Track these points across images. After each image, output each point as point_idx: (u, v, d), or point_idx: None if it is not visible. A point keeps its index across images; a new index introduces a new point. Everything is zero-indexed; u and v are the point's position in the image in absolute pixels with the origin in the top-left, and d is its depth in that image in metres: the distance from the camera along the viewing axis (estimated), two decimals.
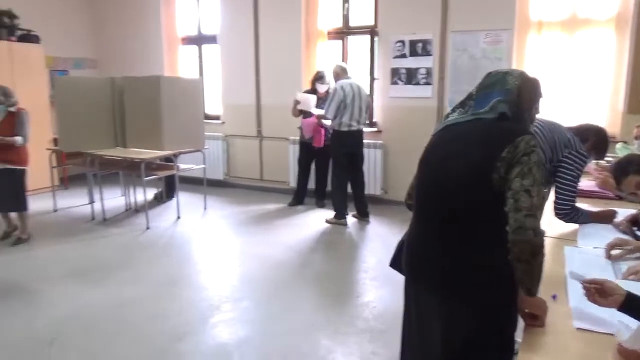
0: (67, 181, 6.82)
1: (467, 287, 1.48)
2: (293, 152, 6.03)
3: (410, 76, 5.41)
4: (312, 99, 5.24)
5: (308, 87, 5.64)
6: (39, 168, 6.27)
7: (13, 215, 4.53)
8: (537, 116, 1.68)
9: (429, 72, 5.32)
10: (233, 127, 6.61)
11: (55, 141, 6.35)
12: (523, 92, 1.55)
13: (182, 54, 7.11)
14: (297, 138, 5.79)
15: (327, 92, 5.36)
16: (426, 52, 5.29)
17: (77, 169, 6.50)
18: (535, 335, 1.38)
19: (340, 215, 5.01)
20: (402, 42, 5.38)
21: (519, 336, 1.49)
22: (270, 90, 6.26)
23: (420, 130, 5.40)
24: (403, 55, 5.40)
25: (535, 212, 1.36)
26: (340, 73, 4.92)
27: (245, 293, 3.43)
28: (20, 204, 4.36)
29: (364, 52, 5.77)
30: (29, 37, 6.29)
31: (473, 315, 1.48)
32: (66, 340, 2.80)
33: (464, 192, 1.47)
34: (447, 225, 1.52)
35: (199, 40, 6.94)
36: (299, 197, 5.81)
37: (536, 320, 1.41)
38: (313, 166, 5.74)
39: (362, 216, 5.15)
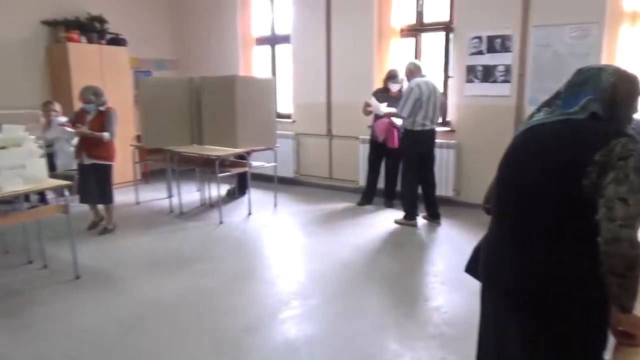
0: (148, 176, 7.24)
1: (549, 300, 1.39)
2: (363, 151, 6.00)
3: (487, 74, 5.19)
4: (382, 106, 5.16)
5: (380, 85, 5.59)
6: (123, 163, 6.70)
7: (100, 206, 4.87)
8: (635, 116, 1.54)
9: (507, 69, 5.07)
10: (303, 125, 6.70)
11: (138, 138, 6.76)
12: (619, 90, 1.42)
13: (256, 54, 7.31)
14: (367, 137, 5.76)
15: (399, 91, 5.29)
16: (505, 49, 5.05)
17: (157, 164, 6.87)
18: (629, 356, 1.26)
19: (410, 217, 4.92)
20: (479, 38, 5.17)
21: (608, 355, 1.38)
22: (341, 89, 6.27)
23: (496, 129, 5.19)
24: (480, 52, 5.20)
25: (633, 222, 1.24)
26: (414, 71, 4.79)
27: (313, 291, 3.45)
28: (106, 197, 4.68)
29: (438, 50, 5.62)
30: (117, 41, 6.73)
31: (556, 330, 1.39)
32: (145, 326, 2.96)
33: (549, 198, 1.38)
34: (530, 232, 1.43)
35: (272, 40, 7.09)
36: (368, 197, 5.77)
37: (631, 339, 1.30)
38: (383, 166, 5.68)
39: (433, 218, 5.02)
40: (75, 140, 4.87)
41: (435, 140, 4.95)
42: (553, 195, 1.37)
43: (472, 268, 1.70)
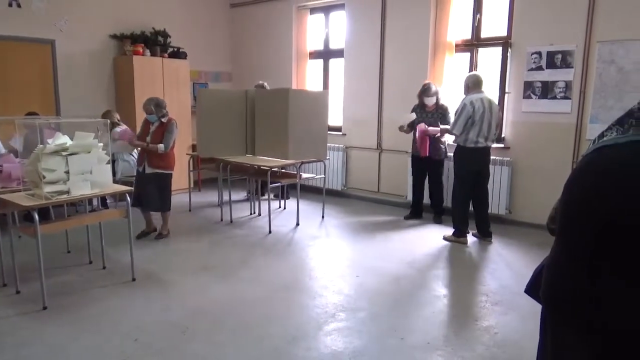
0: (201, 184, 7.48)
1: (621, 332, 1.32)
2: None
3: (546, 90, 5.04)
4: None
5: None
6: (178, 171, 6.98)
7: (154, 215, 5.00)
8: None
9: (568, 85, 4.91)
10: (354, 138, 6.73)
11: (193, 147, 7.03)
12: None
13: (309, 67, 7.44)
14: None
15: (436, 104, 5.36)
16: (566, 64, 4.90)
17: (209, 173, 7.12)
18: None
19: (460, 233, 4.82)
20: (539, 53, 5.04)
21: None
22: (393, 103, 6.26)
23: (554, 148, 5.03)
24: (539, 68, 5.06)
25: None
26: (471, 87, 4.68)
27: (360, 304, 3.44)
28: (164, 205, 4.84)
29: (494, 65, 5.52)
30: (178, 54, 7.05)
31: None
32: (194, 330, 3.05)
33: (622, 225, 1.31)
34: (599, 257, 1.37)
35: (326, 54, 7.20)
36: (415, 211, 5.74)
37: None
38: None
39: (484, 236, 4.90)
40: (137, 150, 5.12)
41: (490, 158, 4.84)
42: (627, 223, 1.30)
43: (533, 289, 1.64)
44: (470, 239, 4.89)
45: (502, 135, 5.47)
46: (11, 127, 4.50)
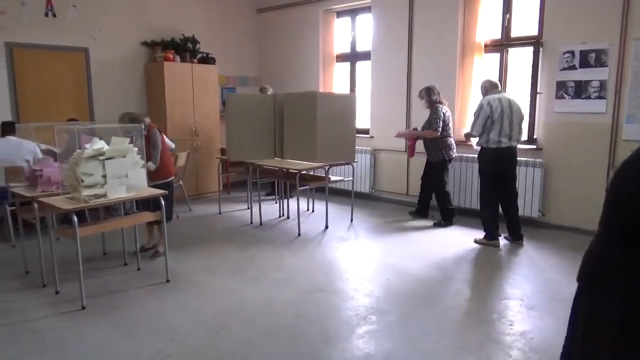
0: (230, 187, 7.58)
1: None
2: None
3: (580, 90, 4.94)
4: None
5: (460, 101, 5.50)
6: (208, 175, 7.12)
7: (155, 230, 4.70)
8: None
9: (602, 85, 4.80)
10: (381, 141, 6.72)
11: (222, 151, 7.14)
12: None
13: (336, 70, 7.46)
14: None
15: (430, 107, 5.50)
16: (600, 63, 4.79)
17: (239, 176, 7.20)
18: None
19: (491, 236, 4.76)
20: (572, 52, 4.94)
21: None
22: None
23: (589, 148, 4.92)
24: (572, 67, 4.96)
25: None
26: (489, 88, 4.70)
27: (391, 306, 3.44)
28: (169, 213, 4.39)
29: (525, 65, 5.43)
30: (207, 59, 7.17)
31: None
32: (229, 330, 3.09)
33: None
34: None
35: (353, 57, 7.21)
36: (420, 210, 5.93)
37: None
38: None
39: (515, 239, 4.82)
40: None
41: (515, 158, 4.73)
42: None
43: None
44: (502, 241, 4.82)
45: (534, 136, 5.38)
46: (49, 132, 4.67)
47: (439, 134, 5.39)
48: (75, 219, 3.30)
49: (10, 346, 2.92)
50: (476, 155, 4.97)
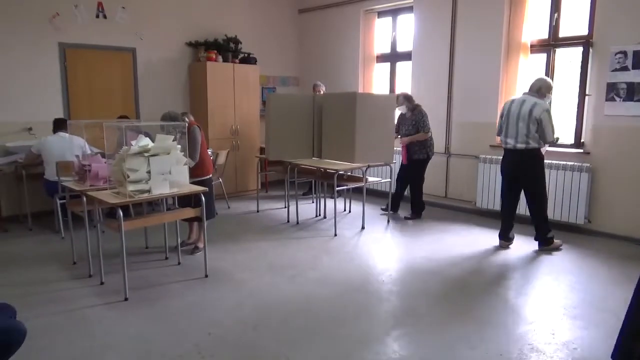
0: (268, 186, 7.67)
1: None
2: (483, 171, 5.80)
3: (632, 92, 4.72)
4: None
5: (502, 103, 5.37)
6: (247, 173, 7.23)
7: (195, 228, 4.81)
8: None
9: None
10: None
11: (261, 150, 7.24)
12: None
13: (376, 71, 7.43)
14: (487, 157, 5.76)
15: (412, 111, 5.78)
16: None
17: (277, 175, 7.29)
18: None
19: (505, 239, 4.80)
20: (624, 53, 4.74)
21: None
22: (463, 106, 6.13)
23: None
24: (624, 68, 4.75)
25: None
26: (531, 87, 4.58)
27: (428, 309, 3.39)
28: (209, 211, 4.40)
29: (573, 66, 5.25)
30: (248, 59, 7.28)
31: None
32: (267, 326, 3.13)
33: None
34: None
35: (393, 57, 7.16)
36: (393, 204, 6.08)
37: None
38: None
39: (541, 245, 4.67)
40: None
41: (528, 163, 4.49)
42: None
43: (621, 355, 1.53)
44: (534, 245, 4.68)
45: (582, 140, 5.19)
46: (98, 129, 4.85)
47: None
48: (121, 213, 3.42)
49: (61, 332, 3.06)
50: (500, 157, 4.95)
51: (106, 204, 3.49)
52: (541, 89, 4.47)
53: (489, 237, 5.13)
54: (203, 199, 3.86)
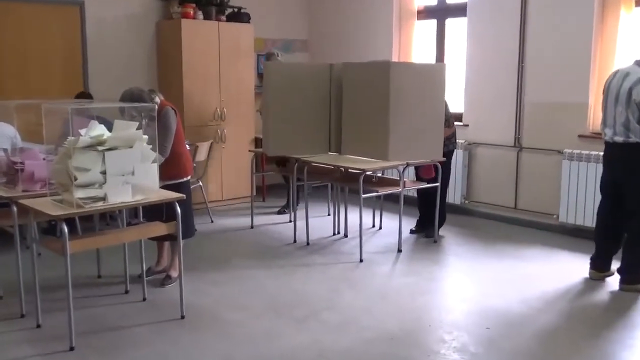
0: (266, 192, 7.67)
1: None
2: (568, 172, 5.78)
3: None
4: None
5: (596, 74, 5.34)
6: (236, 173, 7.23)
7: (167, 251, 4.85)
8: None
9: None
10: (479, 131, 6.64)
11: (256, 142, 7.24)
12: None
13: (417, 31, 7.43)
14: (575, 152, 5.77)
15: None
16: None
17: (277, 177, 7.28)
18: None
19: (599, 269, 4.76)
20: None
21: None
22: (540, 81, 6.11)
23: None
24: None
25: None
26: None
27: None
28: (187, 228, 4.46)
29: None
30: (239, 16, 7.31)
31: None
32: None
33: None
34: None
35: (441, 12, 7.17)
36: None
37: None
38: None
39: (627, 282, 4.55)
40: None
41: (626, 161, 4.46)
42: None
43: None
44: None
45: None
46: (32, 113, 4.88)
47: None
48: (65, 228, 3.43)
49: None
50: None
51: (45, 216, 3.50)
52: None
53: (579, 265, 5.07)
54: (178, 210, 3.86)
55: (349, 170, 5.30)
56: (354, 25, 7.80)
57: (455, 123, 6.68)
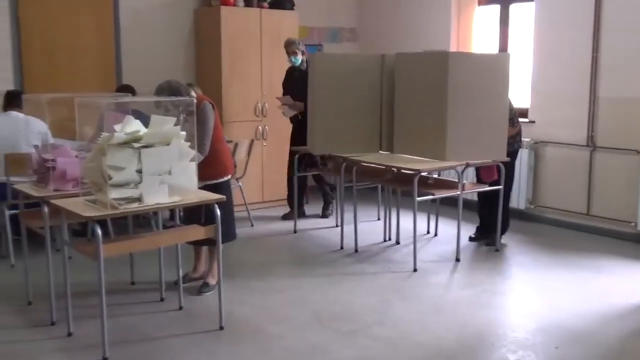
0: (309, 193, 7.69)
1: None
2: None
3: None
4: None
5: None
6: (280, 174, 7.26)
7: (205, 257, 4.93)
8: None
9: None
10: (547, 128, 6.57)
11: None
12: None
13: (477, 17, 7.39)
14: None
15: None
16: None
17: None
18: None
19: None
20: None
21: None
22: (617, 73, 6.01)
23: None
24: None
25: None
26: None
27: None
28: (227, 231, 4.49)
29: None
30: (282, 3, 7.36)
31: None
32: None
33: None
34: None
35: None
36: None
37: None
38: None
39: None
40: None
41: None
42: None
43: None
44: None
45: None
46: (64, 107, 5.00)
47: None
48: (99, 231, 3.50)
49: None
50: None
51: (77, 217, 3.58)
52: None
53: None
54: (218, 212, 3.91)
55: (402, 170, 5.28)
56: (408, 12, 7.79)
57: (520, 120, 6.64)
